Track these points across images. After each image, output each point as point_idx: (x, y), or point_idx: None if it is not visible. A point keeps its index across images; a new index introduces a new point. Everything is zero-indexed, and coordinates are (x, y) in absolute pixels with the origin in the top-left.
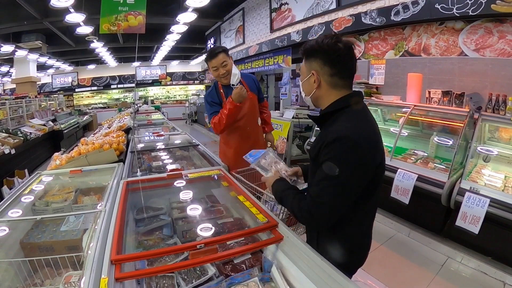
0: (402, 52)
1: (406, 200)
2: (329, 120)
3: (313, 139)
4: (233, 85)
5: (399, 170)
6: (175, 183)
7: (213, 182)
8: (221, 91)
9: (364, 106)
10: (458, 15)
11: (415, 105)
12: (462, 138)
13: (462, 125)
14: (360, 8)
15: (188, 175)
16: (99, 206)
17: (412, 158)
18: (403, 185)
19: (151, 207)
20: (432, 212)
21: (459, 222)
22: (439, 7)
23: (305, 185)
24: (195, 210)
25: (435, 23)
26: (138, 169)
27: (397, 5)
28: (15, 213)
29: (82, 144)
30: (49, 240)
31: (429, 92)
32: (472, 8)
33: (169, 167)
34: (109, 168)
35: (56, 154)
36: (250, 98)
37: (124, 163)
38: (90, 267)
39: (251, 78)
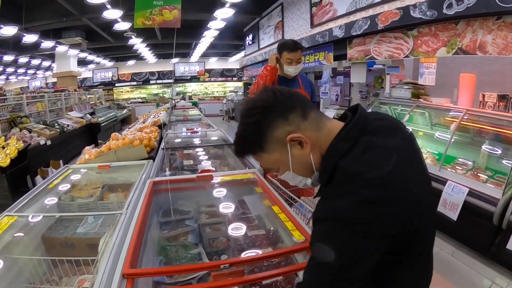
0: (455, 50)
1: (454, 216)
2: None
3: None
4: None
5: (448, 181)
6: (205, 186)
7: (246, 187)
8: (275, 79)
9: (373, 122)
10: None
11: (467, 110)
12: None
13: None
14: (408, 1)
15: (219, 177)
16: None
17: (461, 168)
18: (452, 199)
19: (178, 210)
20: (480, 230)
21: (510, 245)
22: None
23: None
24: (224, 217)
25: (491, 18)
26: (167, 168)
27: None
28: (41, 206)
29: (113, 139)
30: (71, 237)
31: (483, 96)
32: None
33: (201, 166)
34: (138, 165)
35: (87, 147)
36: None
37: (154, 160)
38: (100, 280)
39: (308, 80)
